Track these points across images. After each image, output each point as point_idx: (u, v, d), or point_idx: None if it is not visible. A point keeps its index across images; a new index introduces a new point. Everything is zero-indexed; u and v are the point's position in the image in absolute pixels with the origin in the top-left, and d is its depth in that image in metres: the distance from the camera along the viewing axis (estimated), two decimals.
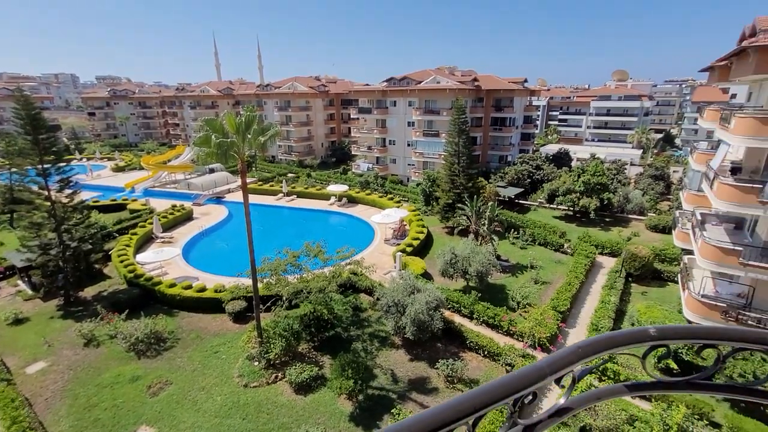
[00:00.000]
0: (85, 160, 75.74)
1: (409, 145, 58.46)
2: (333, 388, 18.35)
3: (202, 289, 26.16)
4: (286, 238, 34.66)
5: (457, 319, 23.57)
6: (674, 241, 25.90)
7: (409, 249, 32.52)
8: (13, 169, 27.05)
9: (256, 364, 20.18)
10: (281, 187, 52.89)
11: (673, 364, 18.76)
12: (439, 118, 53.91)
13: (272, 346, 20.08)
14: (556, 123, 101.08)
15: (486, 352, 20.99)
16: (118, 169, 67.66)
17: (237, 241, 34.07)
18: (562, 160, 57.34)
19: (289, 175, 61.52)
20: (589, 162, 47.59)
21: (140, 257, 30.81)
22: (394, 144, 61.09)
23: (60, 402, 18.33)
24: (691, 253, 22.10)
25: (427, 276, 28.52)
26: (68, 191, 26.47)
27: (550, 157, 56.66)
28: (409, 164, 59.00)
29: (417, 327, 20.16)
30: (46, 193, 25.32)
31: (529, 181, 49.01)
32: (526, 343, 21.64)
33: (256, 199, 45.44)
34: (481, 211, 33.50)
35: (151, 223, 38.28)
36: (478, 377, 19.84)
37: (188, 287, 26.40)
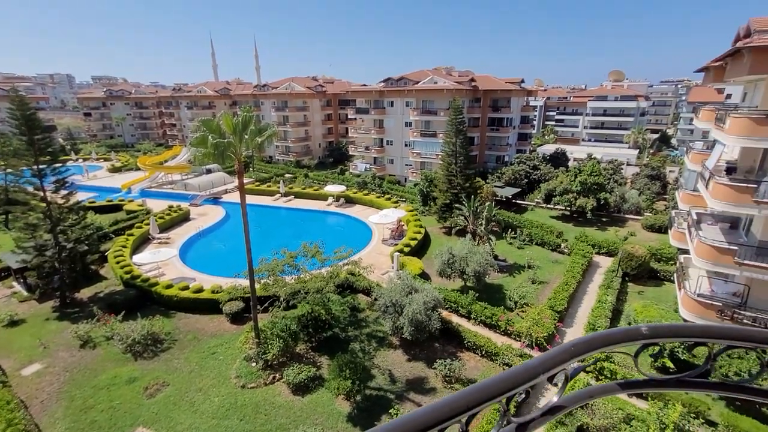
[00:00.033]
0: (81, 160, 75.22)
1: (406, 146, 58.47)
2: (331, 388, 18.32)
3: (199, 290, 26.09)
4: (283, 238, 34.61)
5: (455, 319, 23.61)
6: (670, 241, 26.08)
7: (407, 249, 32.56)
8: (9, 170, 26.81)
9: (254, 365, 20.14)
10: (279, 188, 52.83)
11: (670, 363, 18.89)
12: (436, 119, 53.95)
13: (270, 346, 20.04)
14: (553, 123, 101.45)
15: (483, 352, 21.05)
16: (115, 170, 67.38)
17: (234, 242, 34.02)
18: (559, 160, 57.57)
19: (287, 176, 61.34)
20: (585, 162, 47.75)
21: (137, 258, 30.70)
22: (391, 144, 61.13)
23: (56, 404, 18.23)
24: (687, 252, 22.23)
25: (424, 276, 28.55)
26: (64, 192, 26.32)
27: (547, 158, 56.90)
28: (407, 164, 59.02)
29: (415, 327, 20.18)
30: (42, 194, 25.15)
31: (526, 181, 49.18)
32: (524, 342, 21.72)
33: (253, 200, 45.41)
34: (479, 211, 33.55)
35: (148, 224, 38.17)
36: (476, 377, 19.85)
37: (185, 288, 26.32)
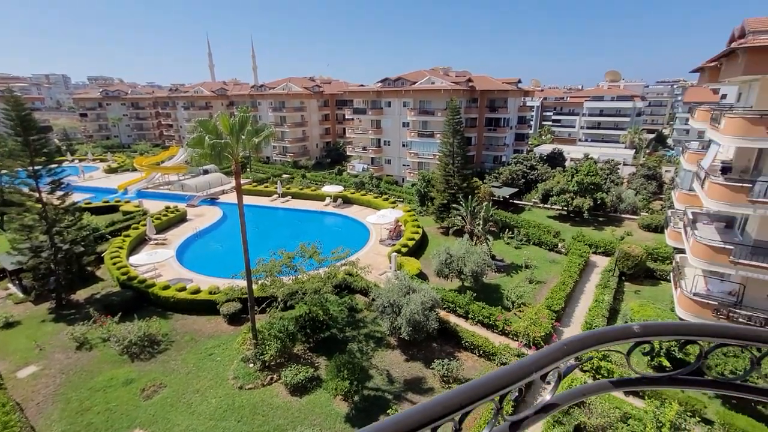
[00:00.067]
0: (77, 161, 74.89)
1: (404, 146, 58.52)
2: (328, 389, 18.30)
3: (197, 291, 26.00)
4: (281, 239, 34.54)
5: (453, 319, 23.63)
6: (666, 240, 26.17)
7: (405, 249, 32.57)
8: (3, 171, 26.68)
9: (251, 365, 20.09)
10: (276, 188, 52.72)
11: (666, 362, 18.98)
12: (433, 119, 54.02)
13: (267, 347, 20.00)
14: (550, 123, 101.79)
15: (481, 352, 21.09)
16: (111, 171, 67.08)
17: (231, 243, 33.89)
18: (555, 160, 57.72)
19: (284, 176, 61.28)
20: (582, 162, 47.87)
21: (133, 259, 30.54)
22: (389, 144, 61.16)
23: (52, 406, 18.13)
24: (683, 251, 22.32)
25: (422, 276, 28.57)
26: (60, 193, 26.18)
27: (544, 158, 57.02)
28: (404, 165, 59.06)
29: (412, 327, 20.20)
30: (37, 195, 25.01)
31: (523, 181, 49.32)
32: (521, 342, 21.77)
33: (250, 200, 45.31)
34: (476, 211, 33.61)
35: (145, 225, 38.01)
36: (474, 377, 19.85)
37: (182, 289, 26.22)
